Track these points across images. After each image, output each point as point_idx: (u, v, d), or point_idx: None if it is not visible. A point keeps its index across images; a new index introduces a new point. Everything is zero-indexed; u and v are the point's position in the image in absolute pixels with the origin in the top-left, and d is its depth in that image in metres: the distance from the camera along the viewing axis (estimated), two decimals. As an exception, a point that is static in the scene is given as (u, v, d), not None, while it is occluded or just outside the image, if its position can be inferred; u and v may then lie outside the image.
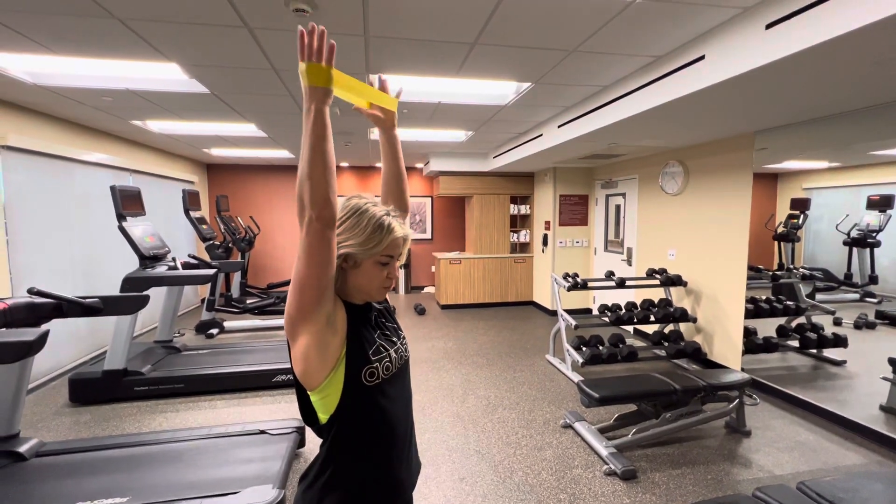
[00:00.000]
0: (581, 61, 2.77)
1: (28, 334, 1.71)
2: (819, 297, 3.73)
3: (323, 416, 0.97)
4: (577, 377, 3.87)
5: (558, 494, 2.38)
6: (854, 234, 3.39)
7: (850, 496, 1.71)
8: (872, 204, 3.25)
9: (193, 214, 5.48)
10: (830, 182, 3.57)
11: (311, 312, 0.88)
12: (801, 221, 3.79)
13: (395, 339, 1.06)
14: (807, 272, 3.79)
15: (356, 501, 0.97)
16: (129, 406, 3.48)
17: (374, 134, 5.09)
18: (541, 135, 4.64)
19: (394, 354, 1.02)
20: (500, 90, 3.50)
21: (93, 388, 3.50)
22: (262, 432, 2.70)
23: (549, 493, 2.39)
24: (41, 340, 1.72)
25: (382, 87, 1.14)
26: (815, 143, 3.38)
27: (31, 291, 2.32)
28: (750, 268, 3.86)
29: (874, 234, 3.27)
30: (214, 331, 5.43)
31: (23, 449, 2.42)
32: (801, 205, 3.78)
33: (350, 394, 0.94)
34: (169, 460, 2.42)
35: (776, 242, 3.97)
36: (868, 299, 3.33)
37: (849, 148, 3.26)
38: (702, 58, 2.39)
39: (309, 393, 0.96)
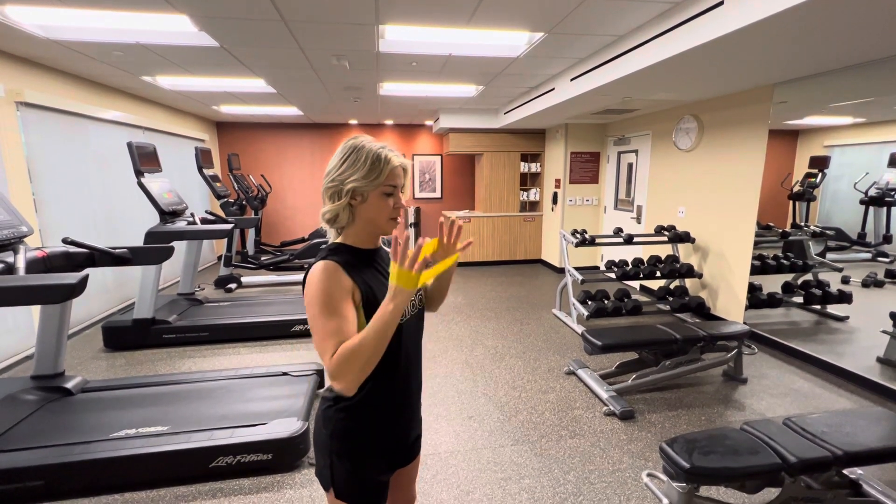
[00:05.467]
0: (595, 8, 2.69)
1: (70, 278, 1.85)
2: (830, 256, 3.74)
3: None
4: (581, 329, 4.00)
5: (559, 431, 2.56)
6: (872, 192, 3.35)
7: (832, 430, 1.83)
8: (895, 161, 3.19)
9: (207, 172, 5.57)
10: (853, 139, 3.49)
11: None
12: (818, 180, 3.74)
13: None
14: (817, 230, 3.78)
15: (372, 418, 1.10)
16: (158, 352, 3.72)
17: (384, 89, 5.02)
18: (553, 89, 4.54)
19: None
20: (511, 41, 3.42)
21: (124, 335, 3.74)
22: (285, 374, 2.91)
23: (551, 430, 2.57)
24: (82, 283, 1.87)
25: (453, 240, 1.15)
26: (837, 95, 3.28)
27: (65, 241, 2.46)
28: (761, 226, 3.87)
29: (893, 193, 3.24)
30: (233, 285, 5.65)
31: (69, 385, 2.66)
32: (819, 163, 3.72)
33: None
34: (201, 397, 2.64)
35: (791, 201, 3.95)
36: (880, 259, 3.33)
37: (875, 101, 3.16)
38: (721, 3, 2.31)
39: None
